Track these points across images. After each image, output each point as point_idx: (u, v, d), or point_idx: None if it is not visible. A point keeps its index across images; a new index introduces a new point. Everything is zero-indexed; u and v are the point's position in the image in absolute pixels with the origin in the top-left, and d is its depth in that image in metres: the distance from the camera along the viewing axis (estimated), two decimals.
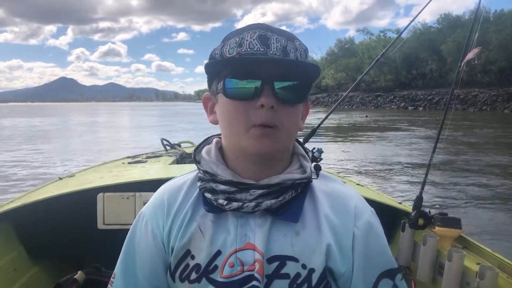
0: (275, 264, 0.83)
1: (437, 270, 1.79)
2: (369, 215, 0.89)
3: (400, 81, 58.21)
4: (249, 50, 0.79)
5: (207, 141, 0.96)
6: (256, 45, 0.79)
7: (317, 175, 0.90)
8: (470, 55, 1.88)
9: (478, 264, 1.63)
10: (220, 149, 0.91)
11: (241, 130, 0.81)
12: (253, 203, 0.82)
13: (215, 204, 0.84)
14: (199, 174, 0.89)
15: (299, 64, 0.81)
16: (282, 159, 0.89)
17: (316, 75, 0.85)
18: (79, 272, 1.99)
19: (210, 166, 0.87)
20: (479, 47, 1.89)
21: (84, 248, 2.31)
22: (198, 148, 0.94)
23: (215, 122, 0.90)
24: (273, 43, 0.79)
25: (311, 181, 0.88)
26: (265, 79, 0.78)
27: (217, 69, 0.84)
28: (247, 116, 0.80)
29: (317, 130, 2.53)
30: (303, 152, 0.92)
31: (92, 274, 2.02)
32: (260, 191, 0.83)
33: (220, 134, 0.93)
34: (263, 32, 0.80)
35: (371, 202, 2.00)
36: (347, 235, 0.85)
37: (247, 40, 0.79)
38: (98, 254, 2.17)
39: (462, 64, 1.92)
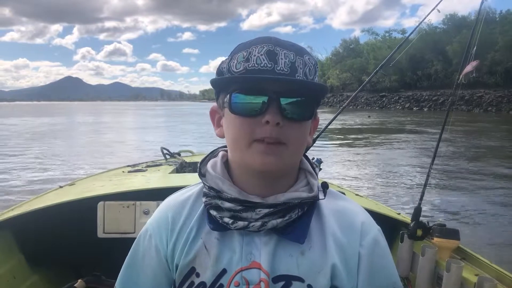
0: (281, 284, 0.82)
1: (435, 281, 1.79)
2: (375, 233, 0.88)
3: (405, 81, 57.95)
4: (256, 66, 0.77)
5: (213, 153, 0.94)
6: (264, 60, 0.77)
7: (325, 194, 0.88)
8: (468, 68, 1.88)
9: (476, 275, 1.64)
10: (226, 163, 0.90)
11: (244, 145, 0.80)
12: (259, 223, 0.81)
13: (220, 222, 0.83)
14: (204, 189, 0.88)
15: (305, 84, 0.80)
16: (289, 175, 0.87)
17: (323, 93, 0.84)
18: (79, 280, 1.99)
19: (216, 182, 0.85)
20: (477, 60, 1.88)
21: (84, 256, 2.31)
22: (204, 161, 0.92)
23: (221, 135, 0.88)
24: (281, 58, 0.78)
25: (318, 199, 0.86)
26: (271, 95, 0.77)
27: (224, 83, 0.83)
28: (251, 131, 0.78)
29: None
30: (310, 169, 0.90)
31: (92, 283, 2.02)
32: (266, 210, 0.81)
33: (226, 147, 0.92)
34: (271, 47, 0.78)
35: (369, 212, 2.00)
36: (353, 254, 0.85)
37: (254, 55, 0.78)
38: (98, 263, 2.18)
39: (461, 77, 1.92)
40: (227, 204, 0.83)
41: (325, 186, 0.89)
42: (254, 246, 0.83)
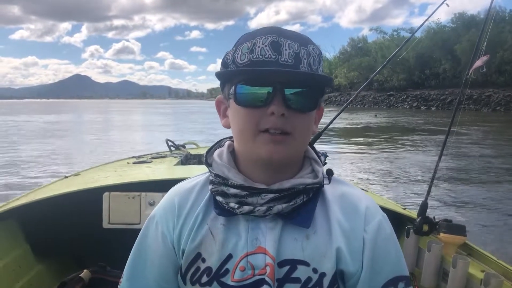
0: (286, 268, 0.83)
1: (441, 276, 1.78)
2: (380, 219, 0.88)
3: (413, 80, 57.63)
4: (260, 57, 0.78)
5: (219, 143, 0.95)
6: (268, 51, 0.78)
7: (329, 180, 0.89)
8: (478, 63, 1.87)
9: (482, 271, 1.63)
10: (232, 152, 0.91)
11: (250, 136, 0.81)
12: (264, 207, 0.82)
13: (226, 207, 0.84)
14: (211, 177, 0.89)
15: (309, 75, 0.80)
16: (294, 163, 0.88)
17: (328, 84, 0.85)
18: (84, 270, 2.00)
19: (222, 170, 0.86)
20: (487, 54, 1.87)
21: (89, 247, 2.33)
22: (210, 151, 0.93)
23: (227, 126, 0.90)
24: (285, 49, 0.78)
25: (323, 185, 0.88)
26: (276, 86, 0.78)
27: (229, 75, 0.84)
28: (257, 123, 0.80)
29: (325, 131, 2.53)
30: (315, 156, 0.91)
31: (98, 273, 2.03)
32: (271, 195, 0.82)
33: (232, 137, 0.93)
34: (275, 37, 0.79)
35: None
36: (357, 239, 0.85)
37: (259, 46, 0.79)
38: (103, 253, 2.19)
39: (470, 72, 1.91)
40: (233, 190, 0.84)
41: (330, 172, 0.90)
42: (259, 231, 0.84)
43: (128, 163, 3.02)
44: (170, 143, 3.56)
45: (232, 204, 0.83)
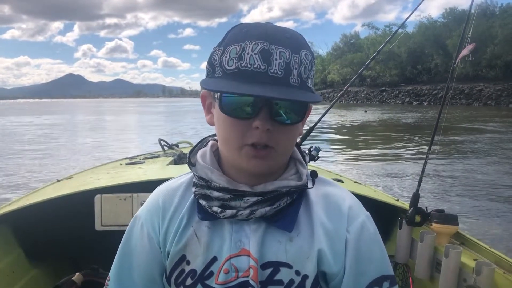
0: (269, 270, 0.83)
1: (434, 266, 1.79)
2: (363, 219, 0.87)
3: (405, 76, 57.88)
4: (249, 66, 0.74)
5: (202, 142, 0.94)
6: (257, 61, 0.74)
7: (313, 182, 0.88)
8: (464, 52, 1.88)
9: (475, 260, 1.64)
10: (215, 151, 0.90)
11: (235, 147, 0.80)
12: (247, 211, 0.81)
13: (209, 211, 0.84)
14: (194, 179, 0.88)
15: (297, 99, 0.76)
16: (278, 168, 0.87)
17: (317, 100, 0.80)
18: (77, 273, 1.99)
19: (205, 172, 0.85)
20: (473, 43, 1.88)
21: (82, 249, 2.32)
22: (193, 150, 0.92)
23: (211, 123, 0.87)
24: (276, 59, 0.74)
25: (307, 188, 0.87)
26: (263, 99, 0.75)
27: (215, 86, 0.80)
28: (242, 135, 0.78)
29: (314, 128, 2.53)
30: (300, 158, 0.90)
31: (90, 276, 2.03)
32: (254, 199, 0.82)
33: (216, 135, 0.90)
34: (266, 45, 0.74)
35: (368, 199, 2.02)
36: (339, 239, 0.84)
37: (248, 53, 0.74)
38: (96, 256, 2.18)
39: (457, 61, 1.92)
40: (216, 194, 0.83)
41: (314, 174, 0.89)
42: (243, 233, 0.84)
43: (120, 164, 3.00)
44: (163, 143, 3.54)
45: (215, 208, 0.82)
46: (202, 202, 0.85)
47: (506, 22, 43.14)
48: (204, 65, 0.87)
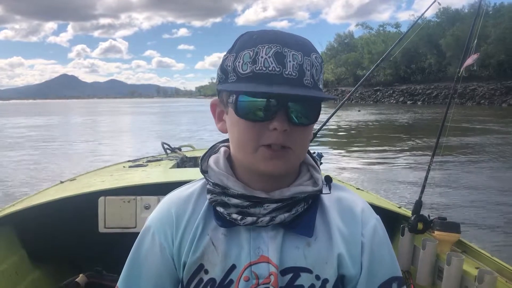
0: (289, 276, 0.83)
1: (436, 274, 1.80)
2: (374, 223, 0.89)
3: (399, 75, 58.22)
4: (264, 68, 0.75)
5: (213, 149, 0.93)
6: (272, 63, 0.75)
7: (329, 187, 0.89)
8: (469, 61, 1.89)
9: (477, 268, 1.64)
10: (228, 158, 0.89)
11: (250, 150, 0.79)
12: (267, 218, 0.81)
13: (228, 218, 0.83)
14: (208, 186, 0.87)
15: (315, 95, 0.78)
16: (293, 171, 0.88)
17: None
18: (80, 275, 2.00)
19: (220, 178, 0.84)
20: (477, 53, 1.89)
21: (85, 251, 2.31)
22: (204, 157, 0.91)
23: (223, 130, 0.87)
24: (289, 61, 0.76)
25: (323, 193, 0.88)
26: (279, 100, 0.76)
27: (232, 87, 0.81)
28: (258, 137, 0.78)
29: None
30: (312, 162, 0.90)
31: (94, 277, 2.04)
32: (274, 205, 0.82)
33: (226, 141, 0.91)
34: (279, 48, 0.76)
35: (370, 206, 2.02)
36: (356, 243, 0.86)
37: (262, 57, 0.75)
38: (99, 258, 2.19)
39: (461, 70, 1.93)
40: (234, 201, 0.82)
41: (329, 180, 0.90)
42: (261, 240, 0.83)
43: (124, 167, 3.01)
44: (166, 146, 3.54)
45: (234, 215, 0.82)
46: (220, 209, 0.84)
47: (499, 22, 43.45)
48: (198, 65, 0.88)
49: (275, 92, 0.74)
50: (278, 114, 0.76)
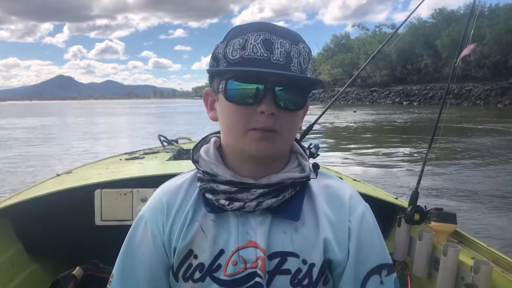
0: (276, 260, 0.85)
1: (432, 264, 1.80)
2: (362, 209, 0.91)
3: (395, 76, 58.35)
4: (252, 54, 0.78)
5: (204, 140, 0.96)
6: (260, 49, 0.78)
7: (316, 174, 0.91)
8: (465, 51, 1.89)
9: (473, 258, 1.65)
10: (218, 148, 0.92)
11: (240, 133, 0.82)
12: (254, 203, 0.83)
13: (216, 204, 0.85)
14: (198, 174, 0.90)
15: (301, 78, 0.81)
16: (281, 158, 0.90)
17: (318, 84, 0.87)
18: (77, 268, 2.00)
19: (210, 167, 0.87)
20: (474, 43, 1.89)
21: (82, 244, 2.32)
22: (196, 147, 0.94)
23: (215, 119, 0.90)
24: (277, 48, 0.79)
25: (310, 179, 0.90)
26: (267, 84, 0.79)
27: (222, 72, 0.84)
28: (247, 120, 0.80)
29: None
30: (301, 150, 0.93)
31: (90, 270, 2.03)
32: (260, 191, 0.84)
33: (217, 132, 0.94)
34: (267, 35, 0.79)
35: (367, 197, 2.03)
36: (343, 229, 0.88)
37: (251, 43, 0.79)
38: (96, 250, 2.18)
39: (458, 60, 1.93)
40: (222, 187, 0.85)
41: (316, 166, 0.93)
42: (249, 226, 0.86)
43: (120, 159, 3.00)
44: (162, 138, 3.54)
45: (222, 201, 0.84)
46: (209, 196, 0.87)
47: (494, 23, 43.67)
48: (195, 66, 0.90)
49: (263, 71, 0.77)
50: (265, 98, 0.79)
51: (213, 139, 0.94)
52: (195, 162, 0.91)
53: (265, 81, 0.78)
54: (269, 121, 0.79)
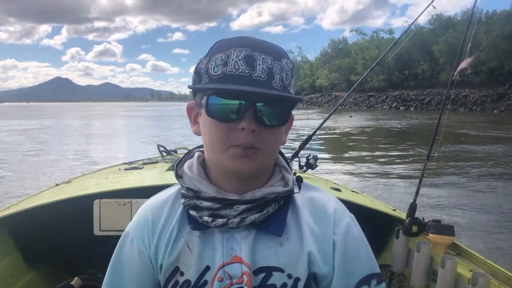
0: (262, 275, 0.85)
1: (430, 276, 1.81)
2: (347, 221, 0.90)
3: (392, 81, 58.55)
4: (234, 70, 0.78)
5: (188, 154, 0.96)
6: (242, 66, 0.78)
7: (299, 187, 0.91)
8: (463, 65, 1.91)
9: (471, 271, 1.66)
10: (202, 163, 0.92)
11: (221, 149, 0.81)
12: (237, 219, 0.83)
13: (200, 221, 0.85)
14: (182, 191, 0.89)
15: (282, 97, 0.80)
16: (265, 172, 0.90)
17: (298, 102, 0.86)
18: (75, 278, 1.99)
19: (193, 183, 0.87)
20: (471, 56, 1.91)
21: (80, 254, 2.31)
22: (180, 162, 0.94)
23: (197, 133, 0.90)
24: (259, 64, 0.79)
25: (293, 193, 0.89)
26: (247, 101, 0.78)
27: (203, 89, 0.84)
28: (227, 137, 0.80)
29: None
30: (285, 164, 0.93)
31: (89, 280, 2.03)
32: (244, 206, 0.83)
33: (202, 146, 0.93)
34: (249, 52, 0.79)
35: (365, 209, 2.04)
36: (327, 242, 0.87)
37: (232, 59, 0.79)
38: (94, 260, 2.18)
39: (456, 74, 1.95)
40: (206, 203, 0.85)
41: (299, 180, 0.92)
42: (234, 241, 0.85)
43: (119, 169, 3.00)
44: (161, 149, 3.53)
45: (205, 218, 0.84)
46: (192, 212, 0.86)
47: (491, 29, 43.93)
48: (193, 69, 0.89)
49: (242, 90, 0.76)
50: (246, 114, 0.79)
51: (196, 154, 0.94)
52: (179, 177, 0.90)
53: (246, 97, 0.78)
54: (250, 138, 0.79)
